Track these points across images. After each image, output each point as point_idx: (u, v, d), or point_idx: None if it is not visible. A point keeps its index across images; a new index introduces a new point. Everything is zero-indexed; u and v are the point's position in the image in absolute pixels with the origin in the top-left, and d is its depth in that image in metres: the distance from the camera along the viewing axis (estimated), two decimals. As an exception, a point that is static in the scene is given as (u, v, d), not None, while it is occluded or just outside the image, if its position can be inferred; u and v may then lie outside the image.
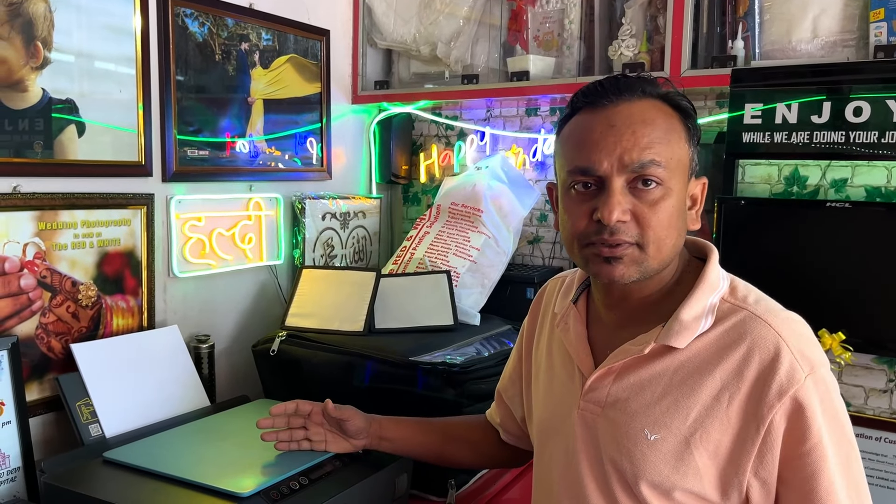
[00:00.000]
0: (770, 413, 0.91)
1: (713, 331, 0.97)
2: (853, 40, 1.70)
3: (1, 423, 1.42)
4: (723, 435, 0.93)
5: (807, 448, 0.91)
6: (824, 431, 0.91)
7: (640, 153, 0.94)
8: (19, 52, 1.47)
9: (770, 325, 0.94)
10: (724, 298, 0.99)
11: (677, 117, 0.98)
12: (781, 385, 0.91)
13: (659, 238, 0.95)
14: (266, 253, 2.07)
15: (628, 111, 0.96)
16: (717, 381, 0.94)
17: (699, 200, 1.02)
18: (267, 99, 2.06)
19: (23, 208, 1.49)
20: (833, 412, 0.93)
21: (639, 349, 0.99)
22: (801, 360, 0.92)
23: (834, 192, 1.79)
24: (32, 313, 1.52)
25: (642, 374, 0.99)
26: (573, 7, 2.09)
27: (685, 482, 0.95)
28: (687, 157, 0.99)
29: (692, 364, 0.96)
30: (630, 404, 0.99)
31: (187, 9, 1.81)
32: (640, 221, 0.95)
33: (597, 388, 1.03)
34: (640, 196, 0.95)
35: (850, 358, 1.67)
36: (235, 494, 1.23)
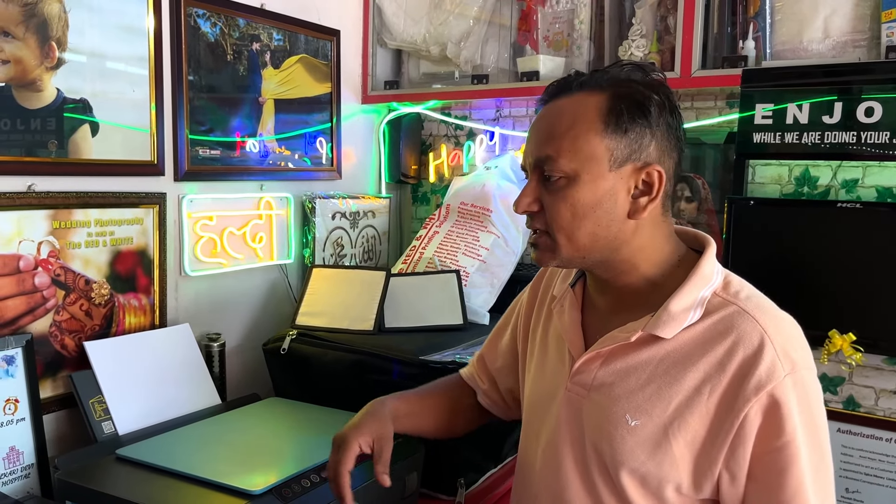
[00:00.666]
0: (746, 406, 0.92)
1: (701, 323, 0.98)
2: (864, 40, 1.70)
3: (15, 420, 1.44)
4: (701, 426, 0.95)
5: (779, 445, 0.92)
6: (798, 432, 0.92)
7: (538, 149, 1.01)
8: (34, 52, 1.49)
9: (757, 321, 0.95)
10: (716, 293, 1.00)
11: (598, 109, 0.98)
12: (760, 380, 0.92)
13: (564, 227, 1.00)
14: (276, 252, 2.08)
15: (550, 109, 1.03)
16: (700, 373, 0.96)
17: (655, 188, 0.99)
18: (278, 99, 2.07)
19: (37, 207, 1.50)
20: (810, 416, 0.94)
21: (626, 336, 1.00)
22: (784, 358, 0.93)
23: (845, 192, 1.79)
24: (46, 311, 1.53)
25: (629, 360, 1.01)
26: (583, 7, 2.09)
27: (661, 470, 0.97)
28: (602, 147, 0.97)
29: (677, 354, 0.98)
30: (614, 389, 1.01)
31: (199, 9, 1.82)
32: (547, 212, 1.01)
33: (584, 371, 1.05)
34: (547, 188, 1.01)
35: (861, 359, 1.66)
36: (247, 492, 1.24)
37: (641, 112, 0.99)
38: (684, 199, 2.00)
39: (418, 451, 1.53)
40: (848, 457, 1.77)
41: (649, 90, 1.00)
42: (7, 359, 1.44)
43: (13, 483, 1.42)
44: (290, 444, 1.52)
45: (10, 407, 1.43)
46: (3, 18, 1.43)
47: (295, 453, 1.44)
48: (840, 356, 1.68)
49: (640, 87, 1.00)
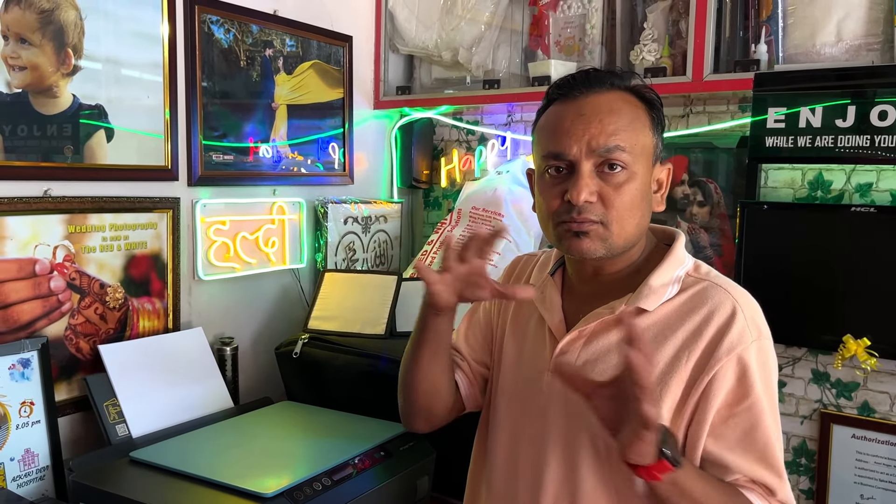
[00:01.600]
0: (717, 365, 1.00)
1: (678, 298, 1.07)
2: (878, 44, 1.69)
3: (31, 423, 1.45)
4: (678, 388, 1.02)
5: (749, 403, 1.01)
6: (762, 392, 1.01)
7: (606, 139, 1.03)
8: (51, 59, 1.51)
9: (730, 292, 1.05)
10: (688, 273, 1.09)
11: (643, 108, 1.08)
12: (732, 343, 1.01)
13: (622, 218, 1.04)
14: (289, 256, 2.10)
15: (596, 101, 1.06)
16: (679, 341, 1.03)
17: (664, 185, 1.12)
18: (290, 104, 2.08)
19: (53, 211, 1.52)
20: (768, 379, 1.04)
21: (610, 311, 1.07)
22: (752, 326, 1.02)
23: (858, 196, 1.77)
24: (62, 315, 1.55)
25: (611, 337, 1.07)
26: (595, 12, 2.09)
27: None
28: (651, 143, 1.08)
29: (658, 327, 1.05)
30: (598, 365, 1.07)
31: (213, 15, 1.84)
32: (605, 202, 1.04)
33: (567, 351, 1.10)
34: (606, 179, 1.04)
35: (876, 364, 1.65)
36: (260, 495, 1.24)
37: (662, 115, 1.11)
38: (696, 203, 1.99)
39: (430, 454, 1.54)
40: (863, 463, 1.75)
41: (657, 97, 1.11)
42: (23, 362, 1.45)
43: (28, 485, 1.44)
44: (303, 447, 1.53)
45: (25, 409, 1.45)
46: (20, 25, 1.45)
47: (307, 456, 1.45)
48: (854, 361, 1.67)
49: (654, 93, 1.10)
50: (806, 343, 1.82)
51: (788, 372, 1.87)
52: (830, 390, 1.81)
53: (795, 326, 1.78)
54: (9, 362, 1.43)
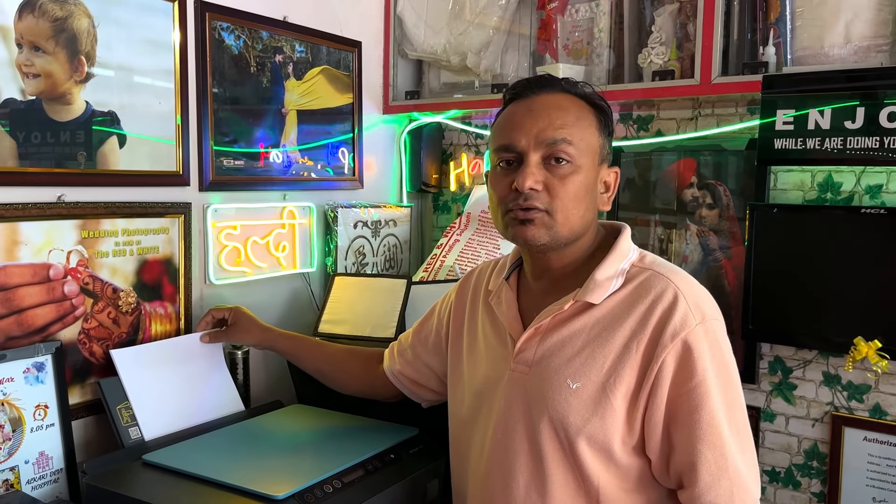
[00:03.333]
0: (664, 353, 1.05)
1: (623, 290, 1.12)
2: (887, 45, 1.68)
3: (45, 426, 1.47)
4: (631, 377, 1.08)
5: (692, 385, 1.05)
6: (710, 373, 1.05)
7: (553, 132, 1.11)
8: (64, 67, 1.53)
9: (671, 280, 1.10)
10: (633, 264, 1.15)
11: (591, 110, 1.16)
12: (675, 328, 1.06)
13: (566, 207, 1.12)
14: (299, 261, 2.11)
15: (546, 99, 1.15)
16: (627, 331, 1.09)
17: (612, 187, 1.20)
18: (300, 110, 2.09)
19: (67, 217, 1.54)
20: (721, 359, 1.07)
21: (559, 307, 1.14)
22: (695, 309, 1.07)
23: (869, 198, 1.77)
24: (75, 319, 1.57)
25: (564, 332, 1.14)
26: (602, 15, 2.10)
27: (604, 423, 1.08)
28: (597, 143, 1.16)
29: (606, 319, 1.11)
30: (553, 360, 1.13)
31: (224, 22, 1.86)
32: (550, 192, 1.11)
33: (525, 349, 1.16)
34: (553, 171, 1.11)
35: (887, 366, 1.64)
36: (271, 497, 1.25)
37: (611, 122, 1.19)
38: (706, 205, 1.99)
39: (440, 457, 1.54)
40: (875, 465, 1.74)
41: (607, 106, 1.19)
42: (37, 365, 1.47)
43: (42, 487, 1.45)
44: (313, 450, 1.53)
45: (39, 413, 1.46)
46: (34, 33, 1.47)
47: (317, 459, 1.46)
48: (866, 363, 1.66)
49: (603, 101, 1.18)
50: (817, 345, 1.81)
51: (799, 374, 1.86)
52: (842, 393, 1.81)
53: (806, 328, 1.78)
54: (23, 366, 1.45)
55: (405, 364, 1.48)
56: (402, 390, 1.51)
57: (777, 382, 1.89)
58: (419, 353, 1.46)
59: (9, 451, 1.41)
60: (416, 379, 1.47)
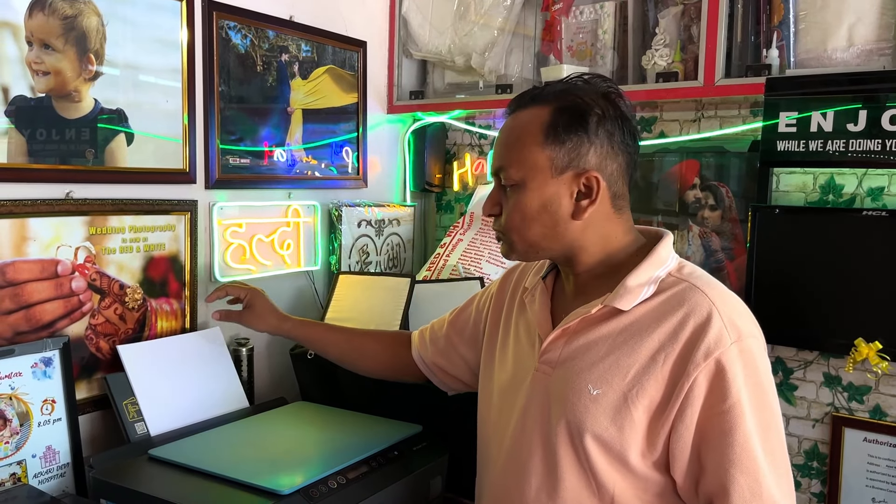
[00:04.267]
0: (695, 371, 1.01)
1: (655, 298, 1.09)
2: (889, 48, 1.69)
3: (52, 420, 1.48)
4: (656, 391, 1.04)
5: (725, 407, 1.00)
6: (744, 394, 1.00)
7: (496, 159, 1.17)
8: (73, 64, 1.54)
9: (706, 294, 1.06)
10: (670, 273, 1.11)
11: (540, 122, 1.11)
12: (709, 347, 1.01)
13: (515, 228, 1.15)
14: (304, 259, 2.12)
15: (507, 123, 1.18)
16: (655, 343, 1.05)
17: (595, 192, 1.11)
18: (305, 109, 2.11)
19: (75, 213, 1.55)
20: (756, 380, 1.03)
21: (587, 310, 1.12)
22: (730, 327, 1.03)
23: (870, 200, 1.78)
24: (82, 315, 1.58)
25: (590, 335, 1.12)
26: (607, 17, 2.11)
27: (622, 434, 1.05)
28: (543, 156, 1.11)
29: (634, 327, 1.08)
30: (577, 363, 1.11)
31: (231, 21, 1.87)
32: (503, 215, 1.17)
33: (551, 349, 1.15)
34: (505, 194, 1.16)
35: (888, 367, 1.65)
36: (275, 492, 1.26)
37: (579, 123, 1.10)
38: (708, 207, 2.00)
39: (443, 454, 1.55)
40: (874, 466, 1.75)
41: (592, 101, 1.11)
42: (45, 360, 1.48)
43: (49, 482, 1.46)
44: (317, 446, 1.55)
45: (47, 407, 1.48)
46: (44, 31, 1.49)
47: (322, 455, 1.47)
48: (866, 365, 1.67)
49: (583, 98, 1.11)
50: (817, 346, 1.82)
51: (800, 375, 1.87)
52: (842, 394, 1.82)
53: (807, 330, 1.79)
54: (31, 361, 1.46)
55: (437, 353, 1.47)
56: (431, 378, 1.49)
57: (778, 383, 1.90)
58: (455, 342, 1.44)
59: (16, 445, 1.42)
60: (448, 369, 1.46)
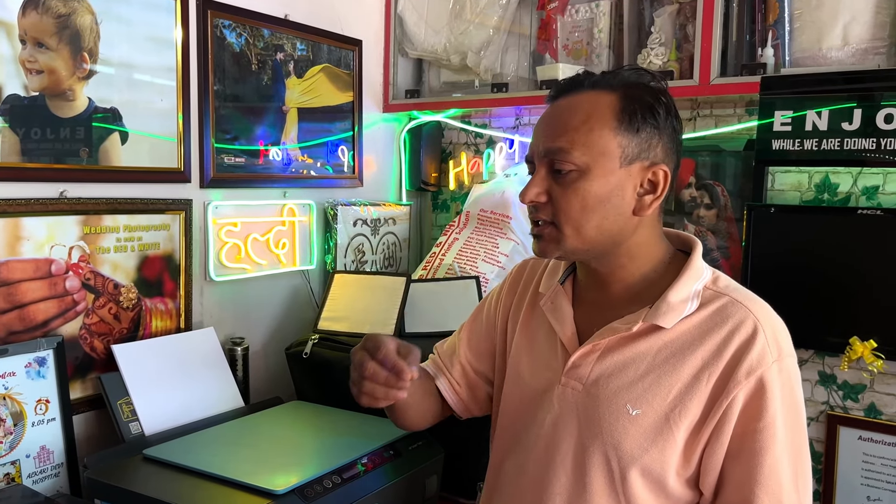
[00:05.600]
0: (736, 389, 0.98)
1: (697, 314, 1.03)
2: (884, 47, 1.70)
3: (46, 420, 1.48)
4: (698, 410, 1.00)
5: (760, 426, 0.97)
6: (779, 415, 0.97)
7: (552, 141, 1.03)
8: (67, 63, 1.53)
9: (750, 310, 1.02)
10: (706, 286, 1.06)
11: (611, 107, 1.02)
12: (751, 365, 0.98)
13: (572, 219, 1.03)
14: (299, 258, 2.12)
15: (560, 105, 1.06)
16: (698, 361, 1.00)
17: (660, 188, 1.05)
18: (301, 107, 2.10)
19: (69, 213, 1.55)
20: (792, 402, 1.00)
21: (627, 327, 1.04)
22: (773, 345, 0.99)
23: (865, 199, 1.78)
24: (77, 314, 1.57)
25: (626, 352, 1.04)
26: (602, 16, 2.11)
27: (663, 456, 1.00)
28: (615, 143, 1.02)
29: (676, 344, 1.02)
30: (612, 381, 1.04)
31: (225, 20, 1.87)
32: (554, 203, 1.03)
33: (580, 364, 1.07)
34: (557, 180, 1.03)
35: (882, 366, 1.66)
36: (270, 491, 1.26)
37: (652, 114, 1.04)
38: (704, 206, 2.01)
39: (439, 454, 1.55)
40: (869, 465, 1.76)
41: (660, 93, 1.06)
42: (39, 360, 1.48)
43: (44, 481, 1.46)
44: (312, 445, 1.55)
45: (41, 407, 1.47)
46: (38, 30, 1.48)
47: (317, 455, 1.47)
48: (861, 363, 1.67)
49: (650, 90, 1.06)
50: (813, 345, 1.83)
51: (795, 374, 1.88)
52: (837, 392, 1.82)
53: (802, 328, 1.77)
54: (25, 361, 1.46)
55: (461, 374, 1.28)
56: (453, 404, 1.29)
57: (773, 382, 1.90)
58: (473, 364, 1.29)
59: (10, 445, 1.42)
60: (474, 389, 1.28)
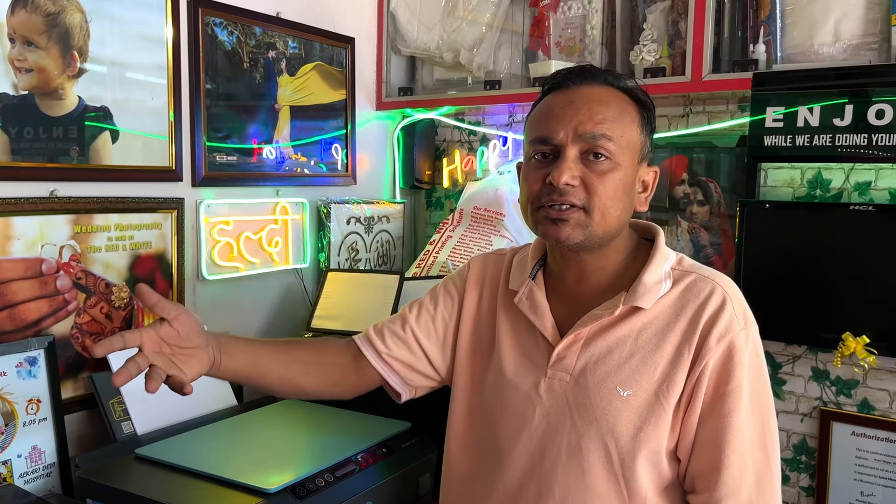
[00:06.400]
0: (708, 355, 1.03)
1: (672, 293, 1.08)
2: (875, 43, 1.70)
3: (37, 420, 1.47)
4: (682, 382, 1.04)
5: (728, 388, 1.02)
6: (746, 379, 1.03)
7: (593, 126, 1.05)
8: (56, 61, 1.53)
9: (718, 283, 1.07)
10: (673, 267, 1.11)
11: (634, 106, 1.10)
12: (721, 332, 1.03)
13: (604, 206, 1.05)
14: (292, 256, 2.11)
15: (587, 92, 1.08)
16: (678, 336, 1.05)
17: (650, 187, 1.14)
18: (293, 106, 2.10)
19: (59, 212, 1.54)
20: (759, 368, 1.06)
21: (608, 312, 1.08)
22: (740, 314, 1.05)
23: (857, 195, 1.78)
24: (68, 313, 1.57)
25: (609, 338, 1.08)
26: (595, 13, 2.11)
27: (658, 430, 1.04)
28: (638, 141, 1.09)
29: (655, 324, 1.07)
30: (599, 367, 1.07)
31: (217, 18, 1.86)
32: (588, 188, 1.05)
33: (565, 355, 1.10)
34: (591, 166, 1.05)
35: (875, 361, 1.66)
36: (263, 490, 1.26)
37: (653, 118, 1.13)
38: (697, 202, 2.01)
39: (432, 452, 1.55)
40: (863, 460, 1.76)
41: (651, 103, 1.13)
42: (30, 360, 1.47)
43: (35, 481, 1.46)
44: (305, 444, 1.54)
45: (32, 407, 1.47)
46: (27, 28, 1.47)
47: (309, 453, 1.47)
48: (854, 359, 1.68)
49: (648, 97, 1.12)
50: (806, 341, 1.83)
51: (788, 370, 1.88)
52: (830, 388, 1.82)
53: (795, 324, 1.79)
54: (16, 360, 1.45)
55: (399, 345, 1.25)
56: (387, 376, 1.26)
57: (766, 378, 1.90)
58: (417, 336, 1.25)
59: (1, 444, 1.41)
60: (412, 363, 1.25)
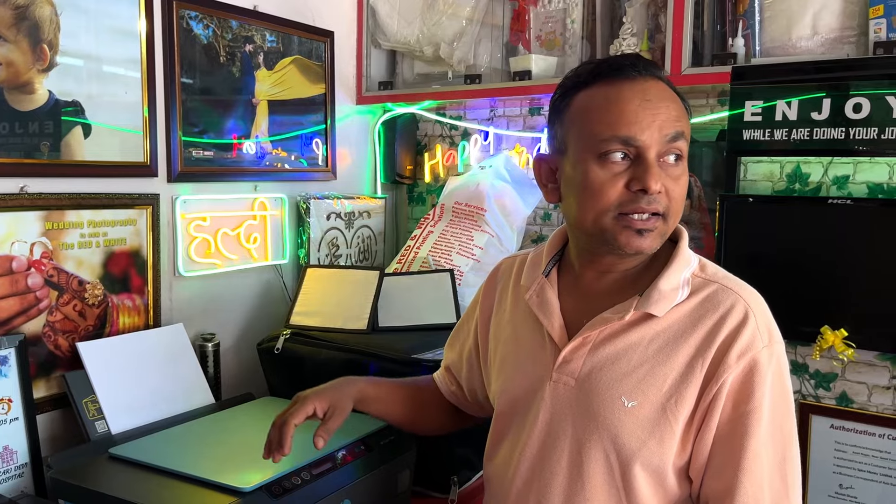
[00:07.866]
0: (726, 373, 0.96)
1: (688, 302, 1.02)
2: (853, 37, 1.70)
3: (9, 420, 1.45)
4: (692, 397, 0.98)
5: (747, 409, 0.96)
6: (767, 400, 0.96)
7: (672, 125, 0.98)
8: (26, 55, 1.50)
9: (741, 296, 1.01)
10: (695, 274, 1.05)
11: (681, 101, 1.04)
12: (742, 349, 0.96)
13: (677, 211, 1.01)
14: (271, 252, 2.09)
15: (657, 87, 1.00)
16: (691, 349, 0.99)
17: None
18: (271, 100, 2.08)
19: (30, 208, 1.51)
20: (781, 388, 0.99)
21: (618, 317, 1.02)
22: (764, 330, 0.98)
23: (836, 188, 1.79)
24: (39, 312, 1.54)
25: (618, 344, 1.02)
26: (575, 6, 2.10)
27: (662, 446, 0.98)
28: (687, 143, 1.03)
29: (668, 333, 1.01)
30: (605, 374, 1.02)
31: (192, 11, 1.83)
32: (668, 194, 0.99)
33: (571, 359, 1.05)
34: (667, 170, 0.99)
35: (853, 355, 1.66)
36: (238, 489, 1.24)
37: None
38: (677, 196, 2.01)
39: (411, 448, 1.54)
40: (841, 453, 1.77)
41: None
42: (0, 359, 1.45)
43: (7, 482, 1.43)
44: (283, 442, 1.53)
45: (3, 407, 1.44)
46: (-5, 21, 1.44)
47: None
48: (832, 352, 1.68)
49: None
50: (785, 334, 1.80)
51: (768, 363, 1.88)
52: (809, 381, 1.83)
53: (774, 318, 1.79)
54: (-14, 360, 1.43)
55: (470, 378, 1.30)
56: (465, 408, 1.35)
57: (746, 371, 1.91)
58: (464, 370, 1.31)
59: (-29, 445, 1.39)
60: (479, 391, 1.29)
